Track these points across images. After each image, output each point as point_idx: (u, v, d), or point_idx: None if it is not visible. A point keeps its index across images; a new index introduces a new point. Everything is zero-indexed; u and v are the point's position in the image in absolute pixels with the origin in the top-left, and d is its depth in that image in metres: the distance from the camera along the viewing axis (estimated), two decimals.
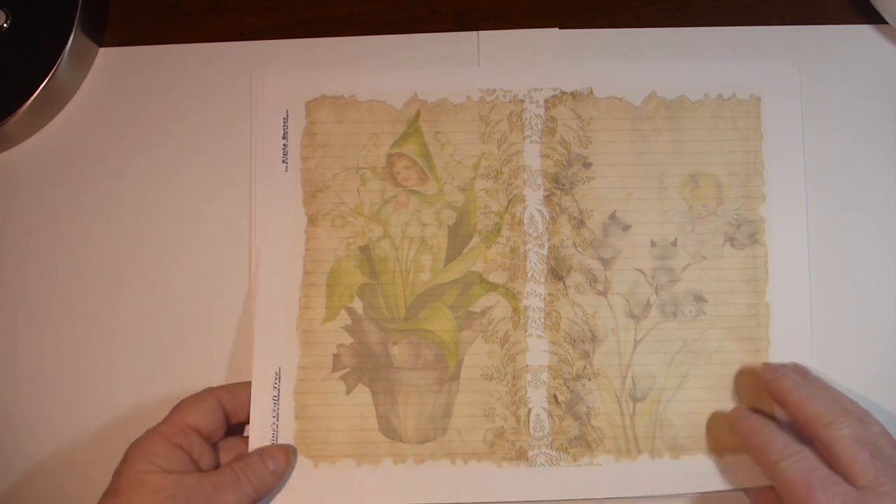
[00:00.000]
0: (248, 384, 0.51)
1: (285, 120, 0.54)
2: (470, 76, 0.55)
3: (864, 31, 0.54)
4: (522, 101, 0.55)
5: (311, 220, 0.53)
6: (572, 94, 0.55)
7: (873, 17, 0.53)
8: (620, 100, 0.55)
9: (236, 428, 0.51)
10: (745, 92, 0.54)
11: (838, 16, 0.54)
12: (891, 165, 0.53)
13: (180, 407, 0.48)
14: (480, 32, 0.55)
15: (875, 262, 0.53)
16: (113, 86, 0.55)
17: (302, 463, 0.51)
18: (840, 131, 0.53)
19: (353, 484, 0.51)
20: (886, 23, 0.53)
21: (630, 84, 0.55)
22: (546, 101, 0.55)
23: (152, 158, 0.55)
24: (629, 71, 0.55)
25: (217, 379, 0.52)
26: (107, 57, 0.55)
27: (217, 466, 0.49)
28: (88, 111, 0.54)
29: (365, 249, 0.53)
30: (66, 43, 0.52)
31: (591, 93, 0.55)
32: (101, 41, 0.55)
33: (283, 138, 0.54)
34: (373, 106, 0.55)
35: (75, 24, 0.52)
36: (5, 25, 0.52)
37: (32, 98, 0.52)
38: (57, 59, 0.52)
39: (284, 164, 0.54)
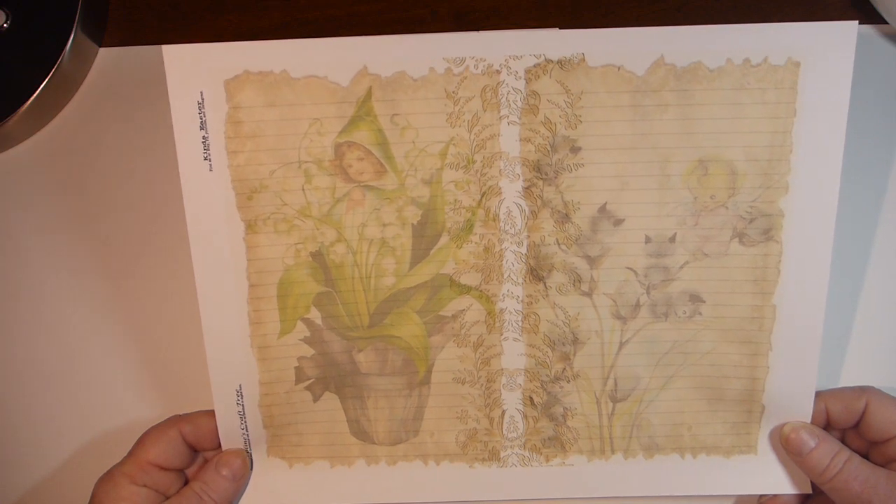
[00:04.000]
0: (211, 413, 0.48)
1: (200, 105, 0.44)
2: (433, 43, 0.43)
3: (865, 31, 0.51)
4: (498, 72, 0.44)
5: (250, 227, 0.46)
6: (559, 62, 0.44)
7: (873, 17, 0.51)
8: (619, 68, 0.44)
9: None
10: (781, 56, 0.43)
11: (838, 15, 0.51)
12: (890, 165, 0.50)
13: (143, 442, 0.47)
14: None
15: (873, 264, 0.50)
16: (113, 86, 0.53)
17: (276, 464, 0.50)
18: None
19: (327, 485, 0.50)
20: (886, 23, 0.50)
21: (632, 48, 0.43)
22: (527, 71, 0.44)
23: (152, 158, 0.53)
24: (631, 33, 0.43)
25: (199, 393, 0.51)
26: (107, 57, 0.54)
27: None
28: (88, 111, 0.53)
29: (317, 255, 0.47)
30: (66, 43, 0.51)
31: (583, 60, 0.44)
32: (101, 41, 0.54)
33: (202, 129, 0.44)
34: (311, 83, 0.44)
35: (75, 24, 0.51)
36: (5, 25, 0.51)
37: (32, 98, 0.51)
38: (57, 59, 0.51)
39: (208, 162, 0.45)
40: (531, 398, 0.49)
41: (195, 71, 0.43)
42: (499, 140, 0.45)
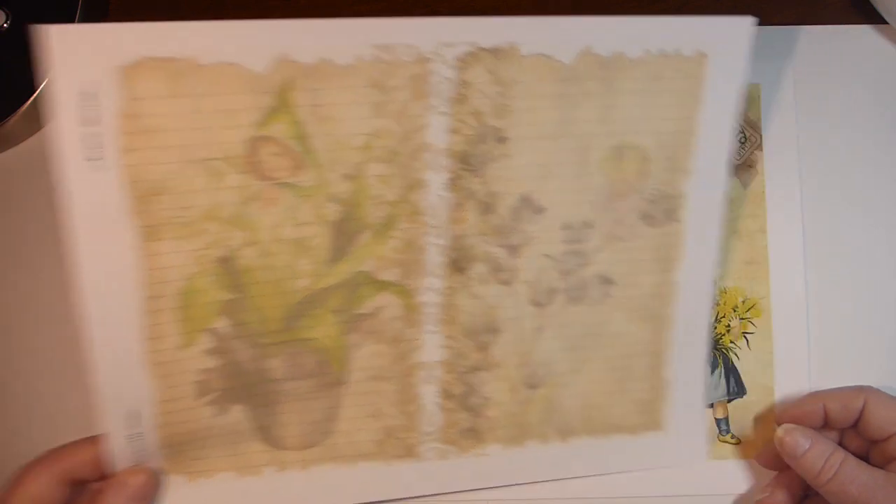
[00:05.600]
0: (94, 438, 0.43)
1: (90, 95, 0.37)
2: (360, 28, 0.39)
3: (864, 31, 0.52)
4: (429, 60, 0.41)
5: (147, 234, 0.40)
6: (493, 50, 0.42)
7: (873, 17, 0.52)
8: (549, 57, 0.42)
9: None
10: (691, 47, 0.44)
11: (838, 16, 0.52)
12: (890, 165, 0.52)
13: (21, 481, 0.41)
14: None
15: (871, 264, 0.52)
16: None
17: (173, 481, 0.45)
18: (839, 131, 0.49)
19: (234, 497, 0.46)
20: (886, 23, 0.51)
21: (562, 38, 0.42)
22: (459, 59, 0.41)
23: None
24: (562, 23, 0.42)
25: None
26: None
27: None
28: None
29: (225, 261, 0.42)
30: None
31: (516, 49, 0.42)
32: None
33: (91, 123, 0.37)
34: (223, 71, 0.38)
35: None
36: (5, 25, 0.51)
37: (32, 98, 0.51)
38: None
39: (96, 161, 0.38)
40: (448, 390, 0.48)
41: (86, 55, 0.36)
42: (426, 131, 0.42)
